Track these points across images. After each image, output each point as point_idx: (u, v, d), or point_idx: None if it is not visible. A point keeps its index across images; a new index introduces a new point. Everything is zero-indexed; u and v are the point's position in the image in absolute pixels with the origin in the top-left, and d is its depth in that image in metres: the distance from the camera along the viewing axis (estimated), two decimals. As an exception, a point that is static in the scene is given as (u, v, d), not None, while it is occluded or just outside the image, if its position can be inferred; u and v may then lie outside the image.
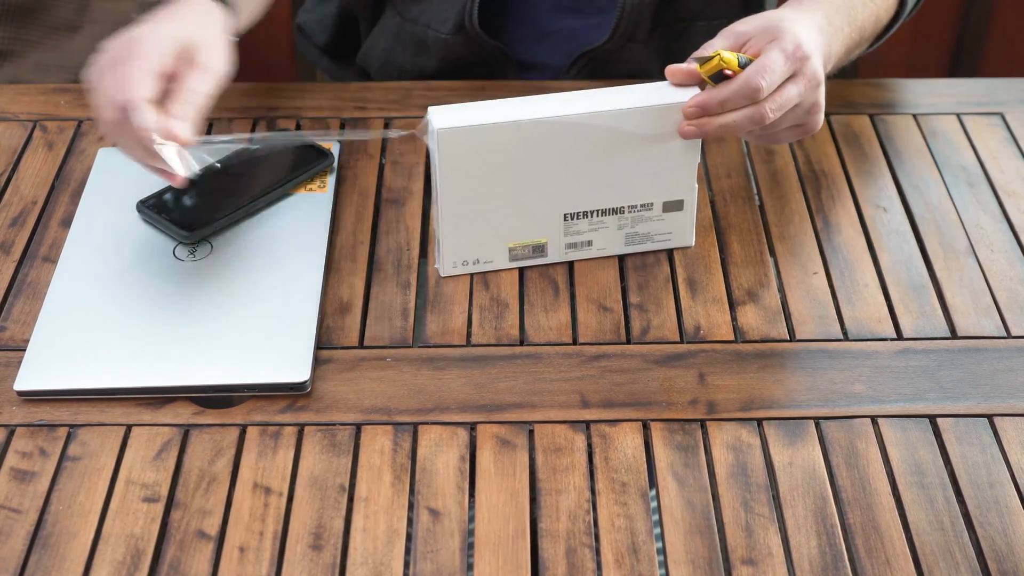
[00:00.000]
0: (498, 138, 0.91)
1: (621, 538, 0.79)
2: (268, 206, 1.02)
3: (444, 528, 0.80)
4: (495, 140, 0.91)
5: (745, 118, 0.90)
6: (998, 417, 0.88)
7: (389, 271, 0.98)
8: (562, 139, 0.92)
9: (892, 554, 0.79)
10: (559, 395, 0.89)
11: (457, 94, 1.15)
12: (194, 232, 0.98)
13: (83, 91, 1.17)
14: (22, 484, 0.82)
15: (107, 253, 0.98)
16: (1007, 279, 0.99)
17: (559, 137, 0.92)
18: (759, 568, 0.78)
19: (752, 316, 0.95)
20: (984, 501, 0.82)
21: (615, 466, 0.84)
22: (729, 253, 1.01)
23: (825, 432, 0.86)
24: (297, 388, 0.88)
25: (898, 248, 1.01)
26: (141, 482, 0.83)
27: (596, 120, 0.92)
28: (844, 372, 0.91)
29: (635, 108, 0.92)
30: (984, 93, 1.19)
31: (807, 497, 0.82)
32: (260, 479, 0.83)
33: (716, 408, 0.88)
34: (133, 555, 0.78)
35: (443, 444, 0.85)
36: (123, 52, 0.91)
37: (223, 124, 1.13)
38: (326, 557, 0.78)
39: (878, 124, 1.15)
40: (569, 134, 0.92)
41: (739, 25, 0.94)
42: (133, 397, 0.88)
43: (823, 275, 0.99)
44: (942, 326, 0.95)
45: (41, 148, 1.11)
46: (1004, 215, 1.05)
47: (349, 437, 0.86)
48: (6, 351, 0.92)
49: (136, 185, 1.02)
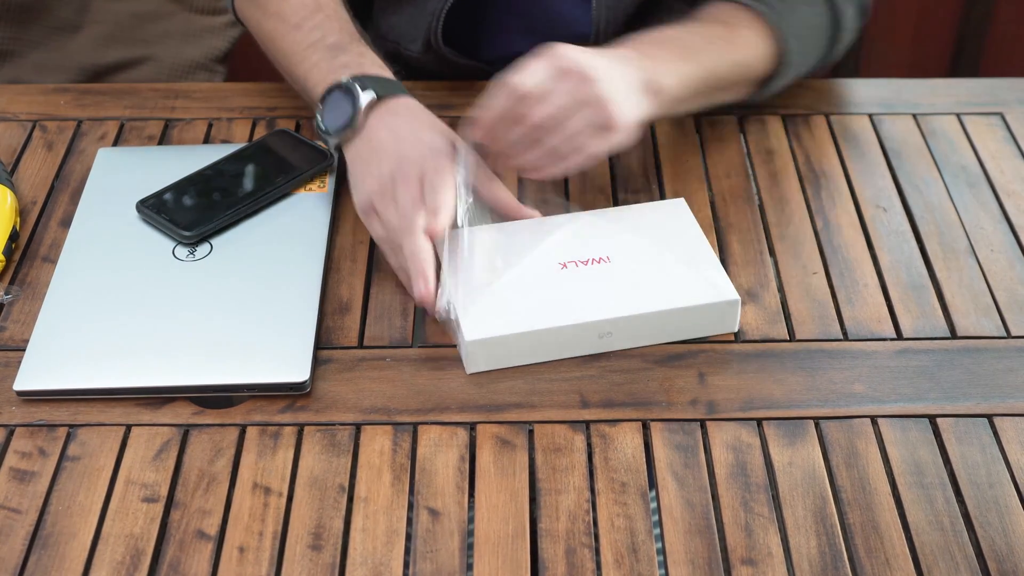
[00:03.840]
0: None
1: (621, 538, 0.79)
2: (268, 206, 1.02)
3: (444, 528, 0.80)
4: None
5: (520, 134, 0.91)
6: (998, 417, 0.88)
7: (389, 271, 0.98)
8: (597, 329, 0.91)
9: (892, 554, 0.79)
10: (559, 395, 0.89)
11: (457, 94, 1.15)
12: (194, 232, 0.98)
13: (83, 91, 1.18)
14: (22, 484, 0.82)
15: (107, 253, 0.97)
16: (1007, 279, 0.99)
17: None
18: (759, 568, 0.78)
19: (752, 316, 0.95)
20: (984, 501, 0.82)
21: (615, 466, 0.84)
22: (729, 253, 1.01)
23: (825, 432, 0.86)
24: (297, 388, 0.88)
25: (898, 248, 1.01)
26: (141, 482, 0.83)
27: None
28: (844, 372, 0.91)
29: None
30: (984, 93, 1.19)
31: (807, 497, 0.82)
32: (260, 479, 0.83)
33: (716, 408, 0.88)
34: (133, 555, 0.78)
35: (443, 444, 0.85)
36: (423, 171, 0.92)
37: (223, 124, 1.13)
38: (326, 557, 0.78)
39: (878, 124, 1.15)
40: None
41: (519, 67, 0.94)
42: (133, 397, 0.88)
43: (823, 275, 0.99)
44: (942, 326, 0.95)
45: (41, 148, 1.11)
46: (1004, 215, 1.05)
47: (349, 437, 0.86)
48: (6, 351, 0.92)
49: (136, 185, 1.02)
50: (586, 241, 0.96)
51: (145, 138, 1.12)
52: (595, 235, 0.96)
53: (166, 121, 1.14)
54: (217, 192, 1.02)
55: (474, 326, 0.89)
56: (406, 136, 0.95)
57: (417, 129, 0.96)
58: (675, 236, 0.97)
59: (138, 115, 1.14)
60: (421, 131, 0.96)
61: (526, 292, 0.92)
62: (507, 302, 0.91)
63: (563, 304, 0.91)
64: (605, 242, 0.96)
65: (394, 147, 0.94)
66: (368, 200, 0.94)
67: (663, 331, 0.92)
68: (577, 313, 0.90)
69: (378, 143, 0.96)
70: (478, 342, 0.88)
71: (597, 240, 0.96)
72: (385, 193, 0.93)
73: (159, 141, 1.11)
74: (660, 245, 0.96)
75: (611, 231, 0.97)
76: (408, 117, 0.97)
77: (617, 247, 0.95)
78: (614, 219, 0.99)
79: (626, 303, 0.91)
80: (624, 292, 0.92)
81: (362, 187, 0.95)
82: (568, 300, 0.91)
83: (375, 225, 0.94)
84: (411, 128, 0.96)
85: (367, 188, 0.94)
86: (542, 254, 0.95)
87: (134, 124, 1.13)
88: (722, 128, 1.13)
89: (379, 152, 0.95)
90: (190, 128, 1.13)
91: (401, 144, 0.94)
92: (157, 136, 1.12)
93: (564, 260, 0.94)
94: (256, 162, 1.05)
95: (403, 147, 0.94)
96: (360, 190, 0.95)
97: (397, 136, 0.95)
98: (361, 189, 0.95)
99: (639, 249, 0.95)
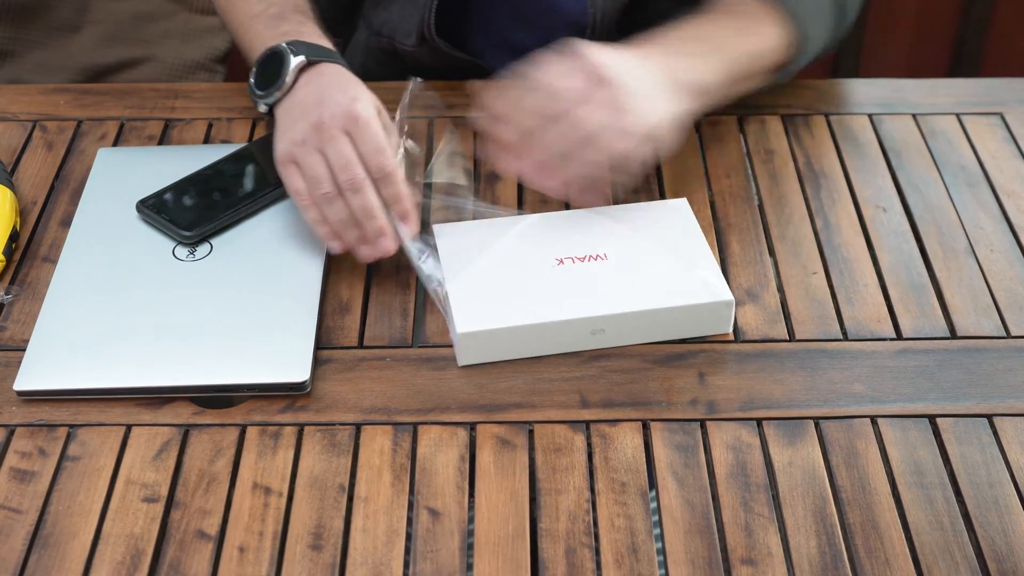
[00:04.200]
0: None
1: (621, 538, 0.79)
2: (268, 206, 1.02)
3: (444, 528, 0.80)
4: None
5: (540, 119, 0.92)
6: (998, 417, 0.88)
7: (389, 271, 0.98)
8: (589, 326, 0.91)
9: (892, 554, 0.79)
10: (559, 395, 0.89)
11: (457, 94, 1.15)
12: (194, 232, 0.98)
13: (83, 91, 1.18)
14: (22, 484, 0.82)
15: (107, 253, 0.97)
16: (1007, 279, 0.99)
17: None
18: (759, 568, 0.78)
19: (752, 316, 0.95)
20: (984, 501, 0.82)
21: (615, 466, 0.84)
22: (729, 253, 1.01)
23: (825, 432, 0.86)
24: (297, 388, 0.88)
25: (898, 248, 1.01)
26: (141, 482, 0.83)
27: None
28: (844, 372, 0.91)
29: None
30: (984, 93, 1.19)
31: (807, 497, 0.82)
32: (260, 479, 0.83)
33: (716, 408, 0.88)
34: (133, 555, 0.78)
35: (443, 444, 0.85)
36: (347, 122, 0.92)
37: (223, 124, 1.13)
38: (326, 557, 0.78)
39: (878, 124, 1.15)
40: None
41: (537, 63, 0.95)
42: (133, 397, 0.88)
43: (823, 275, 0.99)
44: (941, 326, 0.95)
45: (41, 148, 1.11)
46: (1004, 215, 1.05)
47: (349, 437, 0.86)
48: (6, 351, 0.92)
49: (136, 185, 1.02)
50: (584, 238, 0.96)
51: (145, 138, 1.12)
52: (594, 232, 0.97)
53: (166, 121, 1.14)
54: (217, 192, 1.02)
55: (466, 318, 0.89)
56: (331, 93, 0.94)
57: (344, 87, 0.95)
58: (674, 236, 0.97)
59: (138, 115, 1.14)
60: (347, 88, 0.95)
61: (520, 286, 0.92)
62: (501, 295, 0.91)
63: (556, 299, 0.91)
64: (603, 240, 0.96)
65: (316, 101, 0.94)
66: (288, 151, 0.93)
67: (656, 330, 0.92)
68: (569, 309, 0.90)
69: (302, 98, 0.95)
70: (470, 334, 0.88)
71: (595, 237, 0.96)
72: (307, 143, 0.92)
73: (159, 141, 1.12)
74: (658, 244, 0.96)
75: (610, 229, 0.97)
76: (335, 78, 0.97)
77: (615, 245, 0.95)
78: (614, 217, 0.99)
79: (618, 301, 0.91)
80: (617, 290, 0.92)
81: (284, 138, 0.94)
82: (561, 296, 0.91)
83: (293, 177, 0.93)
84: (337, 86, 0.95)
85: (288, 138, 0.94)
86: (539, 250, 0.95)
87: (134, 124, 1.13)
88: (722, 128, 1.13)
89: (303, 105, 0.95)
90: (190, 128, 1.13)
91: (324, 98, 0.94)
92: (157, 136, 1.12)
93: (561, 256, 0.94)
94: (256, 162, 1.05)
95: (326, 100, 0.93)
96: (282, 141, 0.94)
97: (321, 92, 0.95)
98: (283, 140, 0.94)
99: (636, 248, 0.96)
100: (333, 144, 0.91)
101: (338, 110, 0.92)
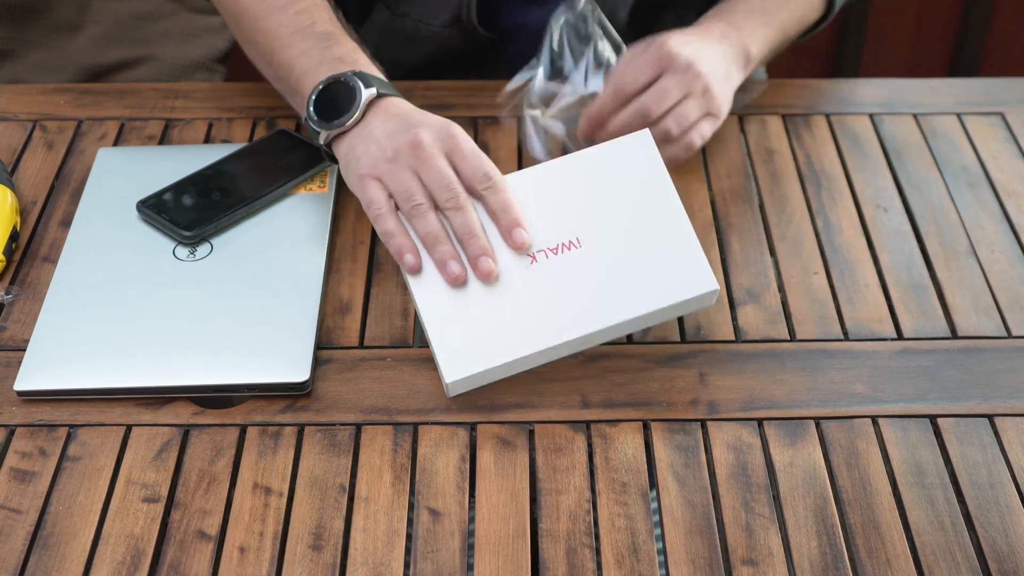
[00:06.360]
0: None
1: (621, 538, 0.79)
2: (268, 206, 1.02)
3: (444, 528, 0.80)
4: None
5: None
6: (998, 417, 0.88)
7: (389, 271, 0.98)
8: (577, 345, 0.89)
9: (892, 554, 0.79)
10: (559, 395, 0.89)
11: (457, 94, 1.15)
12: (194, 232, 0.97)
13: (83, 91, 1.18)
14: (22, 484, 0.82)
15: (107, 253, 0.97)
16: (1007, 279, 0.99)
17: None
18: (759, 568, 0.78)
19: (752, 316, 0.95)
20: (985, 501, 0.82)
21: (615, 466, 0.84)
22: (729, 253, 1.01)
23: (825, 432, 0.86)
24: (297, 388, 0.88)
25: (898, 248, 1.01)
26: (141, 482, 0.83)
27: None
28: (844, 372, 0.91)
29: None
30: (984, 93, 1.19)
31: (807, 497, 0.82)
32: (260, 479, 0.83)
33: (716, 408, 0.88)
34: (133, 555, 0.78)
35: (443, 444, 0.85)
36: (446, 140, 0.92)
37: (223, 124, 1.13)
38: (326, 557, 0.78)
39: (878, 124, 1.15)
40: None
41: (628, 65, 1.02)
42: (133, 397, 0.88)
43: (823, 275, 0.99)
44: (942, 326, 0.95)
45: (41, 148, 1.11)
46: (1004, 215, 1.05)
47: (349, 437, 0.86)
48: (6, 351, 0.92)
49: (136, 185, 1.02)
50: (555, 217, 0.90)
51: (145, 138, 1.12)
52: (562, 204, 0.91)
53: (166, 121, 1.14)
54: (217, 192, 1.02)
55: (452, 362, 0.86)
56: (419, 117, 0.93)
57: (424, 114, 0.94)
58: (644, 195, 0.91)
59: (138, 115, 1.14)
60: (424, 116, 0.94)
61: (499, 304, 0.88)
62: (481, 323, 0.87)
63: (539, 320, 0.87)
64: (574, 218, 0.90)
65: (403, 126, 0.92)
66: (374, 167, 0.91)
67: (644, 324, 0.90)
68: (554, 334, 0.87)
69: (377, 131, 0.93)
70: (459, 381, 0.86)
71: (565, 212, 0.91)
72: (398, 160, 0.90)
73: (159, 141, 1.11)
74: (630, 220, 0.91)
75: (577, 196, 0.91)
76: (408, 109, 0.95)
77: (586, 226, 0.90)
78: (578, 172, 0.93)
79: (603, 312, 0.87)
80: (600, 296, 0.88)
81: (366, 156, 0.92)
82: (544, 314, 0.87)
83: (372, 188, 0.91)
84: (419, 113, 0.94)
85: (374, 156, 0.91)
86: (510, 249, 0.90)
87: (134, 124, 1.13)
88: (722, 128, 1.13)
89: (382, 133, 0.93)
90: (190, 128, 1.13)
91: (415, 121, 0.92)
92: (157, 136, 1.12)
93: (533, 251, 0.89)
94: (256, 162, 1.05)
95: (421, 121, 0.92)
96: (363, 159, 0.92)
97: (406, 118, 0.93)
98: (365, 158, 0.92)
99: (610, 227, 0.90)
100: (432, 162, 0.90)
101: (436, 130, 0.91)
